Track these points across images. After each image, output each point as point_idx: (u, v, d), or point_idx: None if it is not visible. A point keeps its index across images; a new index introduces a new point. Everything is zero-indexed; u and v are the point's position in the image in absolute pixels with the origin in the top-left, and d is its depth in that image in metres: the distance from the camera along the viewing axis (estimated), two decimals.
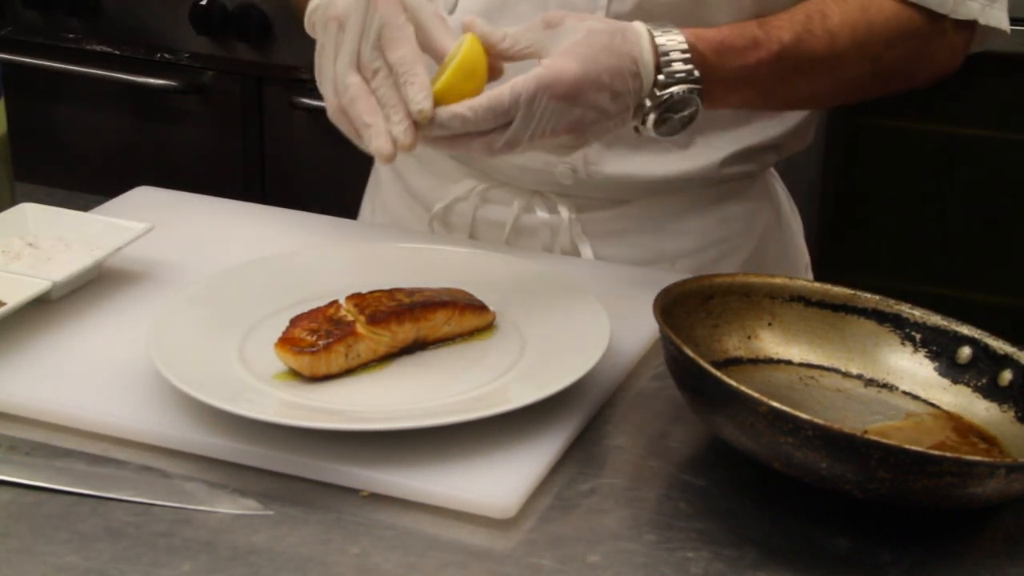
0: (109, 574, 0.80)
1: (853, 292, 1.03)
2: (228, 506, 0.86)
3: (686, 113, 1.06)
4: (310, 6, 1.09)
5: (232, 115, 2.28)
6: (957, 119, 2.12)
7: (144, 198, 1.33)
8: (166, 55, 2.29)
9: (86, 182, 1.61)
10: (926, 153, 2.14)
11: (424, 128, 1.00)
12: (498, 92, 0.99)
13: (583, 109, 1.02)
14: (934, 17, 1.17)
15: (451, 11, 1.23)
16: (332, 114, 1.03)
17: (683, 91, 1.05)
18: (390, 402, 0.96)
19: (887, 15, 1.15)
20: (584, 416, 0.96)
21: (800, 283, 1.04)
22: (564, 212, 1.27)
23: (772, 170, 1.38)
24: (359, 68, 1.01)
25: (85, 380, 0.98)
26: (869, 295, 1.03)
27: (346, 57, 1.01)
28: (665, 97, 1.05)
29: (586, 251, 1.28)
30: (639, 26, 1.06)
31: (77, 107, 2.40)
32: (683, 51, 1.05)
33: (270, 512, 0.86)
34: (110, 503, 0.87)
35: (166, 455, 0.92)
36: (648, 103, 1.05)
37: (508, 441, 0.91)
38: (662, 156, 1.24)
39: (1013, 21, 1.84)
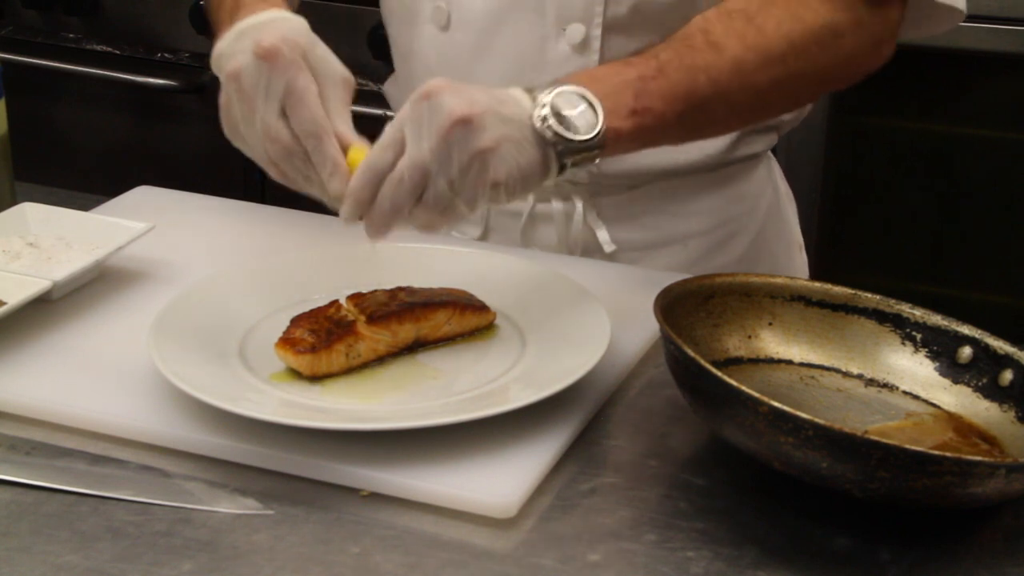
0: (109, 573, 0.80)
1: (853, 292, 1.03)
2: (228, 506, 0.86)
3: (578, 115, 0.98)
4: (215, 50, 1.05)
5: None
6: (957, 119, 2.12)
7: (144, 198, 1.33)
8: (166, 55, 2.29)
9: (86, 182, 1.61)
10: (926, 153, 2.14)
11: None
12: (358, 176, 0.95)
13: (482, 132, 0.93)
14: (848, 7, 1.10)
15: (444, 27, 1.24)
16: (266, 167, 1.01)
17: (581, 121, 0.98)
18: (390, 402, 0.96)
19: (814, 7, 1.09)
20: (584, 416, 0.96)
21: (800, 283, 1.04)
22: (578, 200, 1.28)
23: (770, 152, 1.40)
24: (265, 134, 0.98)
25: (85, 380, 0.98)
26: (869, 295, 1.03)
27: (255, 126, 0.99)
28: (548, 101, 0.97)
29: (602, 235, 1.29)
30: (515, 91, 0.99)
31: (77, 107, 2.40)
32: (577, 95, 0.98)
33: (270, 511, 0.86)
34: (110, 502, 0.87)
35: (166, 455, 0.92)
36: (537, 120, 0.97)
37: (508, 441, 0.91)
38: (672, 149, 1.24)
39: (1012, 21, 1.84)
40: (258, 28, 1.01)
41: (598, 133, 0.97)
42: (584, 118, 0.97)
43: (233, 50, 1.01)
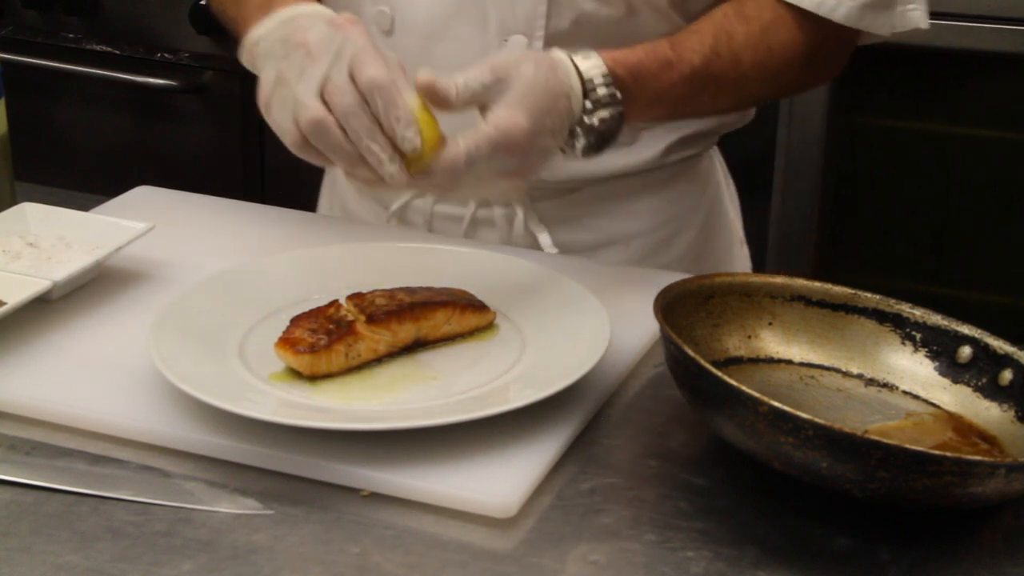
0: (109, 573, 0.80)
1: (853, 292, 1.03)
2: (228, 505, 0.86)
3: (608, 132, 1.07)
4: (250, 37, 1.05)
5: (232, 115, 2.28)
6: (957, 119, 2.12)
7: (144, 198, 1.33)
8: (166, 55, 2.29)
9: (86, 182, 1.61)
10: (926, 153, 2.14)
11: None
12: (453, 156, 0.99)
13: (531, 157, 1.02)
14: (821, 25, 1.17)
15: (388, 32, 1.24)
16: (296, 144, 1.00)
17: (608, 115, 1.06)
18: (390, 402, 0.96)
19: (783, 39, 1.17)
20: (584, 416, 0.96)
21: (800, 283, 1.04)
22: (518, 206, 1.29)
23: (715, 146, 1.41)
24: (324, 94, 0.98)
25: (85, 380, 0.98)
26: (869, 295, 1.03)
27: (312, 83, 0.98)
28: (595, 123, 1.05)
29: (544, 239, 1.30)
30: (562, 56, 1.05)
31: (77, 107, 2.40)
32: (604, 75, 1.05)
33: (270, 511, 0.86)
34: (110, 502, 0.87)
35: (166, 455, 0.92)
36: (578, 130, 1.06)
37: (508, 441, 0.91)
38: (608, 154, 1.24)
39: (1012, 21, 1.84)
40: (308, 15, 1.03)
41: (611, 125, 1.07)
42: (610, 122, 1.06)
43: (281, 34, 1.02)
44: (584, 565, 0.82)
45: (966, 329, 0.99)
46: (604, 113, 1.05)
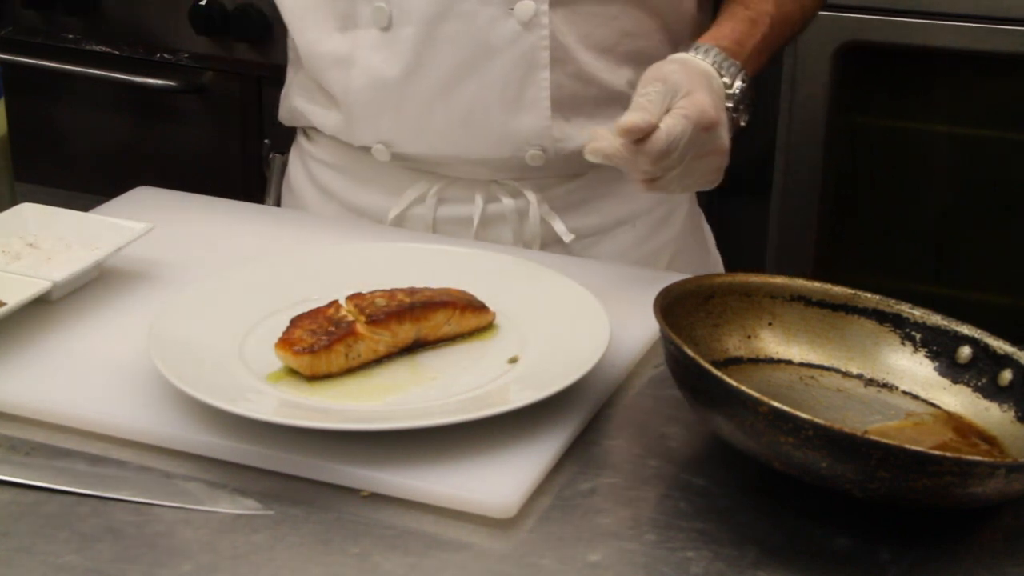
0: (109, 574, 0.80)
1: (853, 292, 1.03)
2: (228, 506, 0.86)
3: (745, 95, 1.20)
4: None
5: (232, 115, 2.28)
6: (957, 119, 2.12)
7: (144, 198, 1.33)
8: (166, 55, 2.29)
9: (86, 182, 1.61)
10: (926, 153, 2.14)
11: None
12: (654, 138, 1.08)
13: (719, 130, 1.13)
14: None
15: (386, 28, 1.23)
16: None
17: (741, 80, 1.19)
18: (390, 402, 0.96)
19: None
20: (584, 416, 0.96)
21: (800, 283, 1.04)
22: (531, 194, 1.30)
23: None
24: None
25: (85, 380, 0.98)
26: (869, 295, 1.03)
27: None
28: (736, 92, 1.18)
29: (559, 226, 1.31)
30: (682, 54, 1.18)
31: (77, 107, 2.40)
32: (719, 53, 1.19)
33: (270, 512, 0.86)
34: (110, 503, 0.87)
35: (166, 455, 0.92)
36: (729, 104, 1.18)
37: (508, 441, 0.91)
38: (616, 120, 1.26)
39: (1012, 22, 1.84)
40: None
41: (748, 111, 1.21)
42: (745, 88, 1.20)
43: None
44: (584, 565, 0.82)
45: (966, 329, 0.99)
46: (739, 82, 1.18)
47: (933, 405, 0.99)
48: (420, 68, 1.24)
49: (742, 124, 1.20)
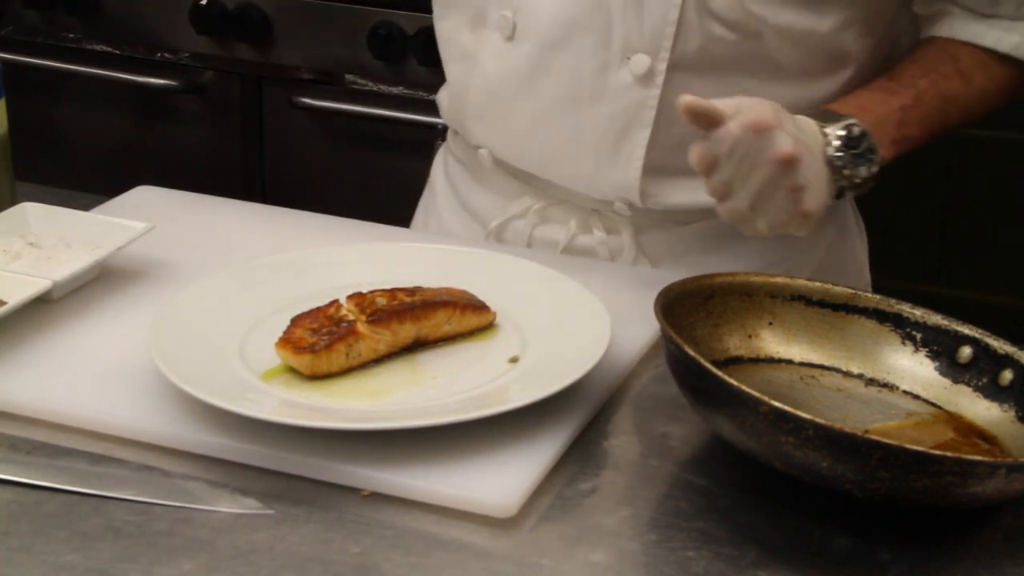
0: (110, 573, 0.80)
1: (854, 292, 1.03)
2: (229, 505, 0.86)
3: (854, 141, 1.09)
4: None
5: (232, 115, 2.28)
6: None
7: (144, 198, 1.33)
8: (166, 55, 2.29)
9: (86, 182, 1.61)
10: (926, 153, 2.14)
11: None
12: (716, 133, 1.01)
13: (802, 170, 1.02)
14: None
15: (510, 38, 1.22)
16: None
17: (845, 130, 1.09)
18: (390, 402, 0.96)
19: (992, 73, 1.24)
20: (584, 416, 0.96)
21: (801, 282, 1.04)
22: (626, 234, 1.26)
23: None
24: None
25: (85, 380, 0.98)
26: (870, 295, 1.03)
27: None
28: (834, 139, 1.08)
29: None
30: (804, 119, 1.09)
31: (77, 107, 2.40)
32: (825, 108, 1.12)
33: (271, 511, 0.86)
34: (111, 502, 0.87)
35: (166, 454, 0.92)
36: (831, 145, 1.08)
37: (508, 441, 0.91)
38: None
39: None
40: None
41: (876, 169, 1.10)
42: (865, 156, 1.09)
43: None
44: (584, 565, 0.82)
45: (966, 329, 0.99)
46: (839, 131, 1.08)
47: (934, 405, 0.99)
48: (531, 88, 1.22)
49: (853, 179, 1.09)
